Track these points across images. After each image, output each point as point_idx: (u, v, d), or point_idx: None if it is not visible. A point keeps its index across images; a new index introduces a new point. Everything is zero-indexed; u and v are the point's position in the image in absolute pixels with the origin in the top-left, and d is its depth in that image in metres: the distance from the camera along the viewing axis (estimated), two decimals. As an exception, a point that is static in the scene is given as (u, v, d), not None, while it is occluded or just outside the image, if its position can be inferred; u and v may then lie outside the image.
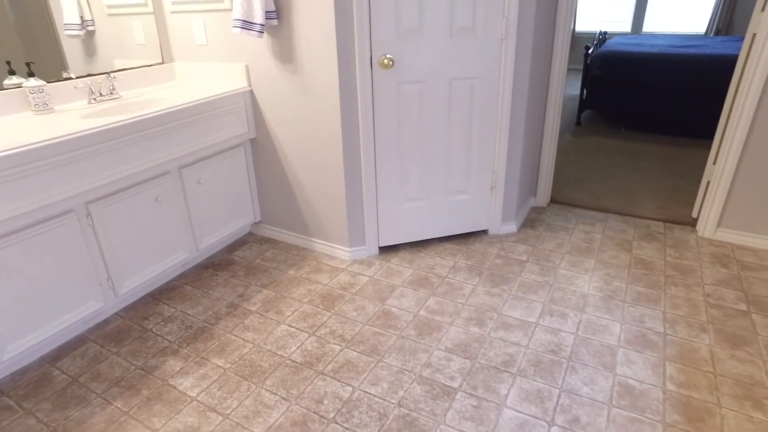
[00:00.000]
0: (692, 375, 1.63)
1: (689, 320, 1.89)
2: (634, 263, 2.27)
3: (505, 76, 2.22)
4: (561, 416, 1.49)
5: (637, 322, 1.88)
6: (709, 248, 2.39)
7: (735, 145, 2.30)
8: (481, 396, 1.57)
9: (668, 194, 3.00)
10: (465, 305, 2.00)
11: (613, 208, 2.82)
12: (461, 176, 2.37)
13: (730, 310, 1.94)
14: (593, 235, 2.52)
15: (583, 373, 1.65)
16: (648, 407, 1.52)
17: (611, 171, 3.39)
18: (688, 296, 2.03)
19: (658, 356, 1.71)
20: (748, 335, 1.80)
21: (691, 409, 1.51)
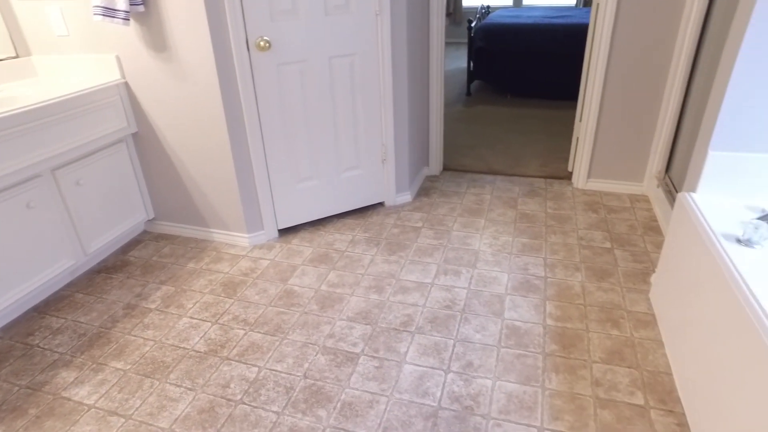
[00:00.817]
0: (567, 309, 1.83)
1: (566, 262, 2.10)
2: (520, 218, 2.46)
3: (384, 51, 2.29)
4: (456, 363, 1.62)
5: (522, 271, 2.06)
6: (582, 197, 2.64)
7: (593, 103, 2.55)
8: (382, 357, 1.66)
9: (549, 153, 3.26)
10: (364, 275, 2.08)
11: (501, 170, 3.02)
12: (351, 152, 2.43)
13: (598, 249, 2.17)
14: (483, 196, 2.69)
15: (475, 323, 1.79)
16: (531, 343, 1.68)
17: (499, 136, 3.61)
18: (565, 242, 2.24)
19: (540, 297, 1.89)
20: (611, 268, 2.04)
21: (565, 337, 1.69)
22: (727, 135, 1.57)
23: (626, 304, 1.85)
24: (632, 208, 2.52)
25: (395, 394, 1.52)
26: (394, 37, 2.30)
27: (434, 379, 1.56)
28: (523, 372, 1.57)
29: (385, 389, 1.54)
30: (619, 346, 1.66)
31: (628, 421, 1.41)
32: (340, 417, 1.46)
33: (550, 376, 1.56)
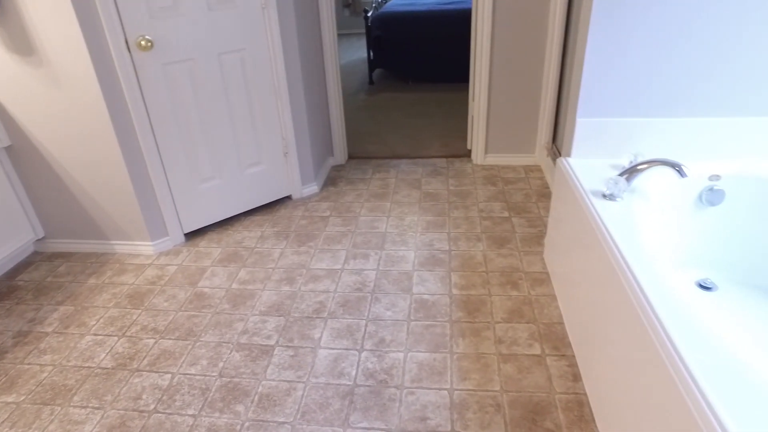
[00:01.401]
0: (471, 278, 1.94)
1: (468, 234, 2.22)
2: (424, 198, 2.56)
3: (274, 44, 2.28)
4: (369, 341, 1.68)
5: (427, 247, 2.15)
6: (481, 173, 2.80)
7: (483, 83, 2.70)
8: (297, 345, 1.68)
9: (449, 133, 3.40)
10: (275, 269, 2.08)
11: (405, 153, 3.12)
12: (252, 148, 2.41)
13: (497, 219, 2.32)
14: (388, 180, 2.77)
15: (386, 301, 1.86)
16: (438, 313, 1.78)
17: (402, 121, 3.71)
18: (466, 215, 2.37)
19: (445, 270, 2.00)
20: (509, 235, 2.19)
21: (470, 304, 1.81)
22: (590, 103, 1.73)
23: (524, 266, 2.00)
24: (527, 178, 2.71)
25: (312, 379, 1.55)
26: (283, 30, 2.29)
27: (349, 360, 1.61)
28: (433, 341, 1.66)
29: (301, 376, 1.57)
30: (519, 305, 1.80)
31: (528, 370, 1.53)
32: (259, 409, 1.47)
33: (458, 341, 1.66)
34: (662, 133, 1.75)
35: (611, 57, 1.64)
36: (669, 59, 1.63)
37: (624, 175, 1.60)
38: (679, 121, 1.73)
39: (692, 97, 1.69)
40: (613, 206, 1.50)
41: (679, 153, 1.79)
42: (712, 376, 0.92)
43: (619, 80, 1.68)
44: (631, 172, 1.60)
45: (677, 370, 0.96)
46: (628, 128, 1.75)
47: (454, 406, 1.43)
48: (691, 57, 1.62)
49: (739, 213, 1.75)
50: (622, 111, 1.74)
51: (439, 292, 1.87)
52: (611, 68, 1.66)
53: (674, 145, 1.77)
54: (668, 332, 1.02)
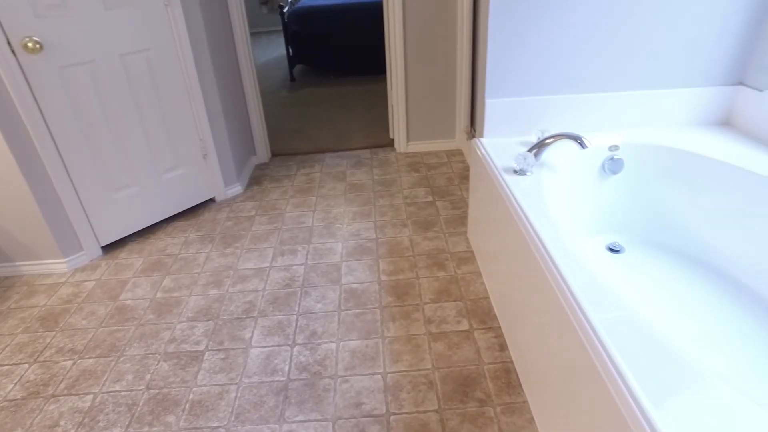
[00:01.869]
0: (398, 263, 1.96)
1: (394, 221, 2.24)
2: (349, 189, 2.56)
3: (182, 43, 2.19)
4: (301, 335, 1.66)
5: (355, 237, 2.15)
6: (405, 160, 2.83)
7: (399, 72, 2.72)
8: (227, 348, 1.63)
9: (372, 124, 3.41)
10: (201, 273, 2.01)
11: (329, 147, 3.10)
12: (168, 152, 2.30)
13: (422, 204, 2.36)
14: (313, 175, 2.74)
15: (315, 294, 1.84)
16: (368, 300, 1.78)
17: (325, 115, 3.69)
18: (392, 203, 2.39)
19: (373, 258, 2.01)
20: (434, 218, 2.23)
21: (399, 288, 1.83)
22: (497, 85, 1.79)
23: (449, 247, 2.04)
24: (449, 162, 2.77)
25: (244, 380, 1.51)
26: (191, 29, 2.20)
27: (281, 356, 1.59)
28: (364, 328, 1.67)
29: (233, 377, 1.52)
30: (446, 284, 1.84)
31: (457, 346, 1.57)
32: (191, 417, 1.41)
33: (388, 325, 1.67)
34: (565, 109, 1.84)
35: (511, 41, 1.70)
36: (564, 41, 1.72)
37: (533, 150, 1.67)
38: (579, 96, 1.83)
39: (589, 74, 1.78)
40: (524, 181, 1.56)
41: (581, 126, 1.88)
42: (616, 334, 0.98)
43: (521, 62, 1.74)
44: (539, 147, 1.68)
45: (584, 331, 1.02)
46: (534, 106, 1.83)
47: (388, 388, 1.45)
48: (584, 39, 1.71)
49: (637, 178, 1.87)
50: (527, 90, 1.81)
51: (368, 280, 1.88)
52: (513, 52, 1.72)
53: (577, 120, 1.87)
54: (575, 295, 1.08)
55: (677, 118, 1.91)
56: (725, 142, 1.77)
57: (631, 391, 0.85)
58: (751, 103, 1.82)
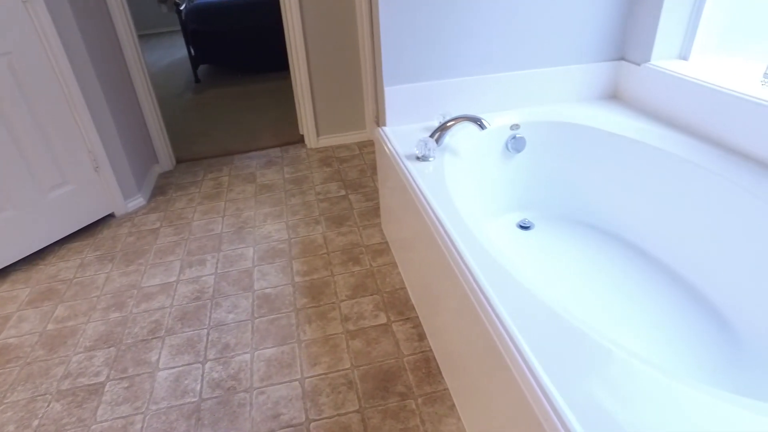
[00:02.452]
0: (312, 262, 1.89)
1: (306, 220, 2.16)
2: (259, 190, 2.44)
3: (51, 46, 1.96)
4: (212, 350, 1.54)
5: (266, 240, 2.05)
6: (316, 156, 2.74)
7: (301, 66, 2.62)
8: (132, 374, 1.49)
9: (281, 122, 3.29)
10: (101, 296, 1.83)
11: (238, 148, 2.95)
12: (51, 168, 2.07)
13: (334, 199, 2.29)
14: (221, 179, 2.59)
15: (227, 304, 1.73)
16: (282, 305, 1.70)
17: (233, 116, 3.51)
18: (304, 201, 2.30)
19: (286, 259, 1.92)
20: (348, 213, 2.17)
21: (314, 288, 1.75)
22: (394, 72, 1.75)
23: (364, 240, 1.99)
24: (360, 154, 2.72)
25: (151, 407, 1.39)
26: (61, 30, 1.98)
27: (192, 375, 1.47)
28: (279, 334, 1.58)
29: (139, 407, 1.39)
30: (362, 279, 1.78)
31: (376, 341, 1.53)
32: (90, 458, 1.27)
33: (304, 328, 1.60)
34: (465, 91, 1.84)
35: (404, 27, 1.66)
36: (457, 24, 1.70)
37: (435, 134, 1.65)
38: (477, 78, 1.82)
39: (485, 55, 1.78)
40: (427, 167, 1.53)
41: (483, 107, 1.89)
42: (518, 314, 0.97)
43: (416, 47, 1.71)
44: (441, 131, 1.65)
45: (486, 314, 0.99)
46: (434, 90, 1.81)
47: (306, 394, 1.37)
48: (477, 21, 1.70)
49: (540, 155, 1.91)
50: (426, 75, 1.78)
51: (281, 284, 1.79)
52: (406, 37, 1.68)
53: (477, 101, 1.87)
54: (477, 279, 1.06)
55: (571, 94, 1.96)
56: (614, 115, 1.84)
57: (533, 371, 0.83)
58: (632, 76, 1.90)
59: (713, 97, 1.56)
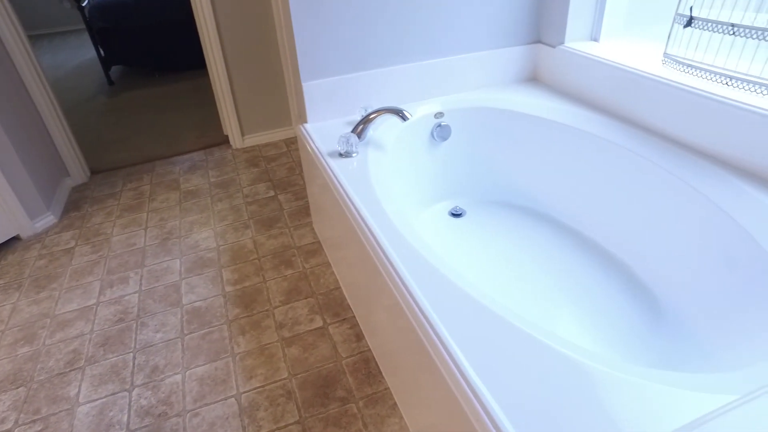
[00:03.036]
0: (243, 269, 1.80)
1: (235, 225, 2.06)
2: (184, 197, 2.31)
3: (-77, 56, 1.74)
4: (140, 375, 1.44)
5: (193, 249, 1.94)
6: (243, 156, 2.63)
7: (218, 63, 2.49)
8: (46, 415, 1.36)
9: (204, 123, 3.13)
10: (6, 331, 1.66)
11: (159, 154, 2.78)
12: (-61, 192, 1.86)
13: (263, 200, 2.20)
14: (142, 189, 2.43)
15: (154, 323, 1.62)
16: (213, 317, 1.61)
17: (152, 120, 3.31)
18: (232, 205, 2.20)
19: (215, 269, 1.82)
20: (278, 214, 2.10)
21: (246, 297, 1.67)
22: (310, 66, 1.68)
23: (295, 241, 1.93)
24: (288, 152, 2.63)
25: (73, 447, 1.27)
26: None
27: (118, 405, 1.36)
28: (212, 349, 1.50)
29: (59, 448, 1.28)
30: (295, 282, 1.72)
31: (313, 346, 1.48)
32: None
33: (238, 340, 1.52)
34: (386, 83, 1.79)
35: (318, 20, 1.59)
36: (373, 13, 1.65)
37: (358, 127, 1.60)
38: (398, 68, 1.78)
39: (405, 45, 1.75)
40: (350, 163, 1.48)
41: (406, 97, 1.86)
42: (442, 308, 0.95)
43: (333, 40, 1.65)
44: (363, 124, 1.61)
45: (411, 310, 0.97)
46: (354, 84, 1.75)
47: (243, 411, 1.31)
48: (393, 9, 1.66)
49: (467, 141, 1.91)
50: (344, 68, 1.73)
51: (211, 295, 1.70)
52: (321, 30, 1.61)
53: (400, 92, 1.83)
54: (401, 274, 1.03)
55: (492, 78, 1.97)
56: (533, 97, 1.86)
57: (457, 364, 0.82)
58: (548, 59, 1.93)
59: (621, 76, 1.60)
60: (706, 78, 1.42)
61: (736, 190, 1.24)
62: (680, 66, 1.50)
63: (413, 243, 1.12)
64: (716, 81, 1.39)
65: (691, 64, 1.46)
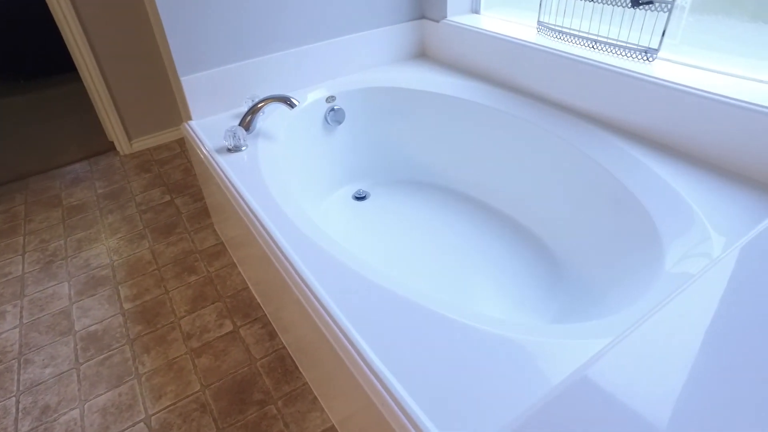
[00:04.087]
0: (142, 282, 1.66)
1: (130, 236, 1.89)
2: (68, 214, 2.08)
3: None
4: (26, 420, 1.28)
5: (84, 269, 1.76)
6: (132, 163, 2.42)
7: (89, 63, 2.25)
8: None
9: (84, 130, 2.85)
10: None
11: (33, 169, 2.48)
12: None
13: (158, 206, 2.04)
14: (15, 210, 2.16)
15: (41, 358, 1.45)
16: (113, 339, 1.47)
17: (21, 132, 2.95)
18: (124, 215, 2.02)
19: (111, 287, 1.66)
20: (175, 219, 1.95)
21: (148, 312, 1.55)
22: (187, 59, 1.55)
23: (197, 246, 1.81)
24: (183, 153, 2.46)
25: None
26: None
27: (6, 455, 1.21)
28: (113, 374, 1.37)
29: None
30: (200, 288, 1.62)
31: (225, 352, 1.39)
32: None
33: (143, 359, 1.40)
34: (271, 71, 1.71)
35: (187, 8, 1.47)
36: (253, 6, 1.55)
37: (246, 119, 1.51)
38: (282, 54, 1.71)
39: (287, 29, 1.67)
40: (240, 158, 1.40)
41: (294, 84, 1.78)
42: (339, 297, 0.91)
43: (206, 29, 1.53)
44: (251, 114, 1.52)
45: (308, 301, 0.93)
46: (237, 74, 1.65)
47: (154, 435, 1.21)
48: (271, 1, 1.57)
49: (363, 123, 1.87)
50: (225, 58, 1.62)
51: (108, 316, 1.55)
52: (192, 19, 1.49)
53: (287, 79, 1.76)
54: (296, 267, 0.98)
55: (382, 57, 1.94)
56: (422, 72, 1.86)
57: (357, 348, 0.79)
58: (434, 33, 1.94)
59: (502, 46, 1.64)
60: (575, 43, 1.49)
61: (602, 142, 1.31)
62: (552, 33, 1.55)
63: (309, 234, 1.07)
64: (584, 45, 1.46)
65: (561, 30, 1.52)
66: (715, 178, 1.15)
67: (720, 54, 1.24)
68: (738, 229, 0.99)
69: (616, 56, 1.37)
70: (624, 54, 1.36)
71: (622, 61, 1.34)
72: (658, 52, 1.30)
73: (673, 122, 1.24)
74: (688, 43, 1.29)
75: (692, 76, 1.22)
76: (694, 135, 1.21)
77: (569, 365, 0.73)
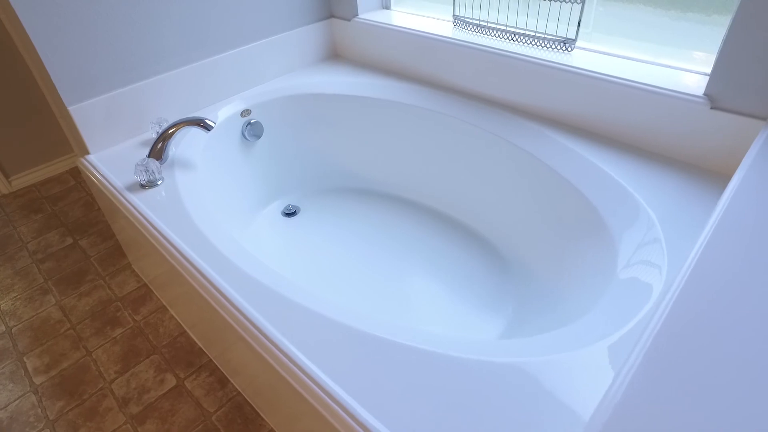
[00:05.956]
0: (55, 347, 1.42)
1: (28, 293, 1.61)
2: (-57, 276, 1.73)
3: None
4: None
5: (-24, 342, 1.47)
6: (16, 203, 2.07)
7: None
8: None
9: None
10: None
11: None
12: None
13: (60, 252, 1.76)
14: None
15: (-61, 461, 1.18)
16: (26, 425, 1.23)
17: None
18: (16, 269, 1.72)
19: (13, 360, 1.40)
20: (84, 264, 1.70)
21: (68, 382, 1.32)
22: (71, 86, 1.32)
23: (116, 292, 1.58)
24: (79, 184, 2.15)
25: None
26: None
27: None
28: (37, 465, 1.15)
29: None
30: (129, 342, 1.41)
31: (172, 412, 1.23)
32: None
33: (72, 440, 1.19)
34: (174, 89, 1.52)
35: (62, 32, 1.23)
36: (136, 11, 1.34)
37: (156, 146, 1.32)
38: (186, 69, 1.52)
39: (184, 42, 1.48)
40: (157, 193, 1.22)
41: (202, 101, 1.60)
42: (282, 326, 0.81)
43: (91, 50, 1.30)
44: (162, 142, 1.34)
45: (249, 333, 0.82)
46: (136, 97, 1.44)
47: None
48: (164, 7, 1.37)
49: (283, 134, 1.74)
50: (118, 81, 1.40)
51: (15, 397, 1.30)
52: (71, 41, 1.26)
53: (195, 96, 1.57)
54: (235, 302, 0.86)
55: (294, 61, 1.81)
56: (335, 75, 1.76)
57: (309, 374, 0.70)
58: (345, 33, 1.83)
59: (417, 41, 1.58)
60: (494, 36, 1.46)
61: (530, 131, 1.31)
62: (469, 26, 1.52)
63: (241, 265, 0.96)
64: (503, 38, 1.44)
65: (478, 23, 1.49)
66: (642, 161, 1.18)
67: (630, 40, 1.27)
68: (671, 210, 1.03)
69: (536, 48, 1.37)
70: (543, 45, 1.36)
71: (543, 52, 1.34)
72: (575, 42, 1.30)
73: (597, 109, 1.26)
74: (599, 30, 1.32)
75: (609, 64, 1.24)
76: (616, 120, 1.23)
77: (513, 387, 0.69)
